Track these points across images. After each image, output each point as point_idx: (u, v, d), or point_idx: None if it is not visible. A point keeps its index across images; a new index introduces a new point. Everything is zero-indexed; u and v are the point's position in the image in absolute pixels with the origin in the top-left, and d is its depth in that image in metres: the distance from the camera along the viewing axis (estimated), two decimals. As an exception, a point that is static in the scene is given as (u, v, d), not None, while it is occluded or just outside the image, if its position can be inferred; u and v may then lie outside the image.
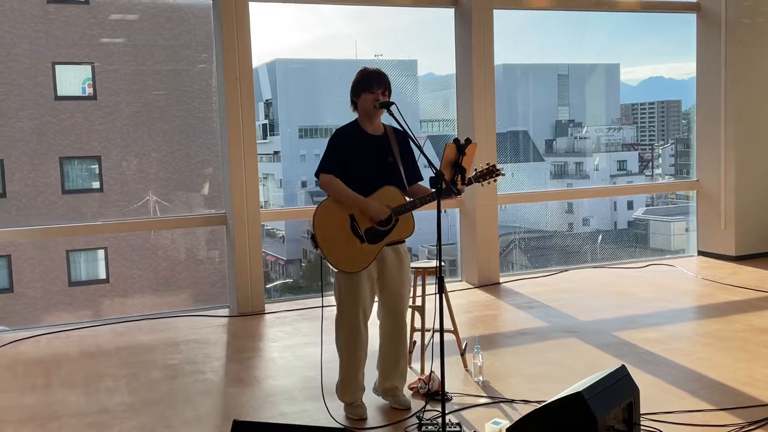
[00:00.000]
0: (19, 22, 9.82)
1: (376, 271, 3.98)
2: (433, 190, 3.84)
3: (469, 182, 3.88)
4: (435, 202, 3.71)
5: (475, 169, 3.94)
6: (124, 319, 6.45)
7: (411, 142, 3.96)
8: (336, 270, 3.91)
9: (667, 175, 15.04)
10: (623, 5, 8.23)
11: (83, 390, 4.64)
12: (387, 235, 3.90)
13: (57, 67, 9.96)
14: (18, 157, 9.79)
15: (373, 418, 4.02)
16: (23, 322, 9.13)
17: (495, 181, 3.97)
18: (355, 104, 4.02)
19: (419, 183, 4.08)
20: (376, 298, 4.09)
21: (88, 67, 10.07)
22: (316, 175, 3.95)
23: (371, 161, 3.94)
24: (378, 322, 4.15)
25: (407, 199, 3.94)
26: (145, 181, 10.22)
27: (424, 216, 4.40)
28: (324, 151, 3.98)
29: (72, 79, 10.15)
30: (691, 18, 8.36)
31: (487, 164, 3.95)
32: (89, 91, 10.11)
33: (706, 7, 8.19)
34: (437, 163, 3.76)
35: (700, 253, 8.46)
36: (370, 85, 3.94)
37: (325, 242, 3.85)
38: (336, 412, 4.02)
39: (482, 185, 3.98)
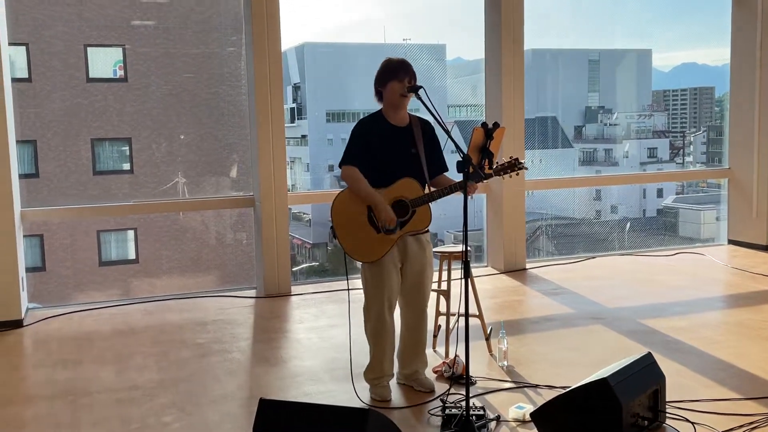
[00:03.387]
0: (52, 4, 9.95)
1: (399, 261, 4.00)
2: (451, 184, 3.87)
3: (489, 176, 3.80)
4: (458, 191, 3.73)
5: (497, 162, 3.88)
6: (153, 299, 6.55)
7: (440, 128, 3.94)
8: (355, 261, 3.94)
9: (698, 162, 14.85)
10: (656, -11, 8.09)
11: (114, 367, 4.73)
12: (403, 227, 3.91)
13: (89, 49, 10.09)
14: (50, 139, 9.95)
15: (397, 400, 4.05)
16: (54, 300, 9.32)
17: (517, 174, 3.89)
18: (380, 94, 4.01)
19: (444, 174, 4.06)
20: None
21: (120, 50, 10.19)
22: (340, 166, 3.98)
23: (393, 152, 3.94)
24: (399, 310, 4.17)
25: (425, 191, 3.94)
26: (174, 163, 10.34)
27: (450, 201, 4.40)
28: (347, 142, 4.00)
29: (104, 62, 10.28)
30: (727, 3, 8.19)
31: (510, 157, 3.90)
32: (120, 73, 10.22)
33: (741, -8, 8.03)
34: (464, 148, 3.74)
35: (731, 242, 8.35)
36: (397, 73, 3.91)
37: (341, 230, 3.90)
38: (362, 394, 4.05)
39: (503, 178, 3.91)
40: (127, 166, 10.37)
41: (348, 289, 4.52)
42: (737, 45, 8.17)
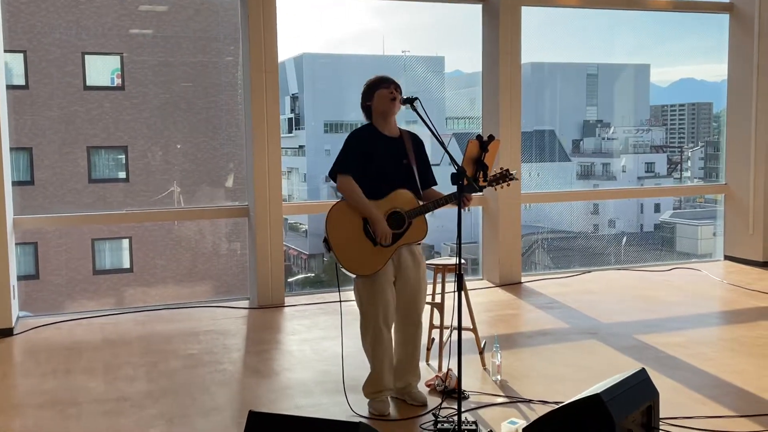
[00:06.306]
0: (50, 11, 9.95)
1: (393, 274, 3.97)
2: (447, 194, 3.88)
3: (482, 187, 3.85)
4: (453, 201, 3.74)
5: (488, 174, 3.90)
6: (145, 309, 6.51)
7: (436, 140, 3.93)
8: (351, 275, 3.90)
9: (696, 178, 14.84)
10: (654, 4, 8.11)
11: (103, 377, 4.68)
12: (400, 239, 3.89)
13: (86, 57, 10.08)
14: (46, 146, 9.92)
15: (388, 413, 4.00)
16: (47, 309, 9.27)
17: (508, 185, 3.94)
18: (368, 109, 4.01)
19: (432, 188, 4.08)
20: None
21: (117, 58, 10.19)
22: (332, 175, 3.94)
23: (387, 163, 3.94)
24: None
25: (420, 203, 3.93)
26: (170, 172, 10.32)
27: (446, 214, 4.38)
28: (339, 151, 3.97)
29: (101, 70, 10.27)
30: (725, 18, 8.21)
31: (501, 168, 3.93)
32: (118, 81, 10.22)
33: (739, 8, 8.05)
34: (459, 161, 3.72)
35: (727, 257, 8.33)
36: (380, 83, 3.95)
37: (337, 245, 3.85)
38: (355, 406, 4.01)
39: (495, 189, 3.96)
40: (122, 175, 10.34)
41: (340, 301, 4.48)
42: (734, 62, 8.18)
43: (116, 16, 10.21)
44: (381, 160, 3.92)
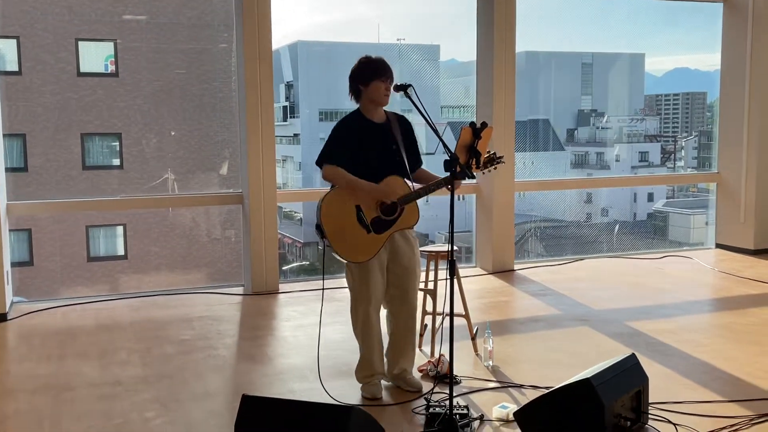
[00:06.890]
0: (43, -3, 9.89)
1: (386, 258, 4.00)
2: (439, 177, 3.90)
3: (474, 174, 3.86)
4: (444, 187, 3.77)
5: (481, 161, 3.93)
6: (139, 295, 6.52)
7: (430, 128, 3.94)
8: (345, 261, 3.91)
9: (689, 167, 14.89)
10: (649, -7, 8.11)
11: (97, 362, 4.70)
12: (393, 225, 3.91)
13: (80, 43, 10.04)
14: (40, 132, 9.90)
15: (382, 398, 4.03)
16: (42, 295, 9.27)
17: (495, 168, 3.95)
18: (358, 92, 4.00)
19: (422, 168, 4.10)
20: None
21: (111, 44, 10.15)
22: (319, 164, 3.94)
23: (376, 150, 3.95)
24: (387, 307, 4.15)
25: (411, 188, 3.95)
26: (164, 159, 10.31)
27: (440, 202, 4.40)
28: (326, 141, 3.96)
29: (95, 56, 10.24)
30: (718, 8, 8.23)
31: (488, 152, 3.93)
32: (111, 68, 10.19)
33: (733, -3, 8.06)
34: (453, 148, 3.74)
35: (719, 245, 8.38)
36: (382, 72, 3.92)
37: (332, 233, 3.85)
38: (348, 392, 4.04)
39: (483, 173, 3.96)
40: (116, 162, 10.34)
41: (323, 289, 4.50)
42: (728, 51, 8.20)
43: (109, 1, 10.16)
44: (369, 148, 3.93)
